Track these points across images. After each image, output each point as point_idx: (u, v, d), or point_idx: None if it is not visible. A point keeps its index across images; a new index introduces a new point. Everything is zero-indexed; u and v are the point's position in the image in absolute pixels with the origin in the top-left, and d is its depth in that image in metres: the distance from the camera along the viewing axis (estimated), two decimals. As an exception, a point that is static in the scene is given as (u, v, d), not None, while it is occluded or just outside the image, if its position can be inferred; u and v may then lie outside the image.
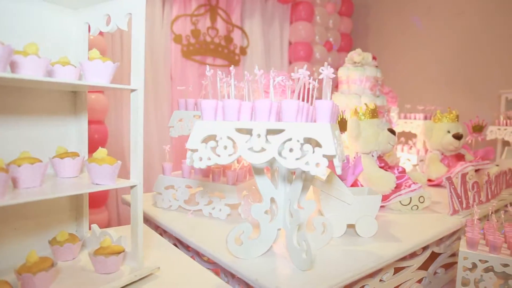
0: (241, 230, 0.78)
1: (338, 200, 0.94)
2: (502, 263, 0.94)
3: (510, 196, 1.49)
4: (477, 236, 0.99)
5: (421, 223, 1.10)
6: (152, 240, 0.95)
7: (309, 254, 0.71)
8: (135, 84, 0.71)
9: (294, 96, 0.69)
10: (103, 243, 0.71)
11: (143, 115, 0.72)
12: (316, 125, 0.66)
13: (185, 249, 1.01)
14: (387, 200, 1.24)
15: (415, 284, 1.06)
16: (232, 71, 0.74)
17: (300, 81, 0.69)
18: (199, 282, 0.73)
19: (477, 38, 2.69)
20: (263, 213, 0.79)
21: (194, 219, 1.07)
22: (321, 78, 0.67)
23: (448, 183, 1.18)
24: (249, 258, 0.79)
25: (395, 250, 0.86)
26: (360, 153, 1.32)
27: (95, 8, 0.76)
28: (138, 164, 0.72)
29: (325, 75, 0.67)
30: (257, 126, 0.69)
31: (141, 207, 0.73)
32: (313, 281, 0.69)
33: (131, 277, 0.69)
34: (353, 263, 0.78)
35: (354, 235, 0.96)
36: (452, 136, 1.63)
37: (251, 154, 0.68)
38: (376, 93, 1.68)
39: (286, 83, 0.84)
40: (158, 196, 1.18)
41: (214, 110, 0.74)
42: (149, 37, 2.36)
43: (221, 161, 0.69)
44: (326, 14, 3.10)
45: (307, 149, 0.65)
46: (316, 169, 0.64)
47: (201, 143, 0.72)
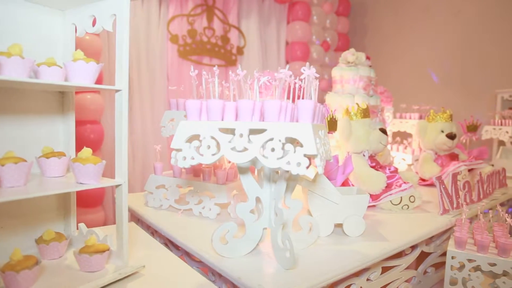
0: (226, 229, 0.79)
1: (326, 200, 0.94)
2: (489, 262, 0.95)
3: (502, 195, 1.49)
4: (465, 236, 1.00)
5: (410, 223, 1.11)
6: (141, 239, 0.96)
7: (292, 253, 0.72)
8: (119, 84, 0.71)
9: (277, 96, 0.70)
10: (88, 241, 0.71)
11: (127, 116, 0.72)
12: (297, 125, 0.66)
13: (175, 248, 1.02)
14: (378, 199, 1.24)
15: (404, 284, 1.06)
16: (216, 71, 0.75)
17: (281, 81, 0.70)
18: (183, 280, 0.73)
19: (474, 38, 2.68)
20: (248, 212, 0.80)
21: (184, 218, 1.08)
22: (303, 77, 0.68)
23: (438, 183, 1.19)
24: (235, 257, 0.79)
25: (381, 250, 0.87)
26: (351, 152, 1.32)
27: (81, 9, 0.77)
28: (123, 163, 0.72)
29: (306, 74, 0.68)
30: (239, 126, 0.69)
31: (126, 206, 0.74)
32: (295, 279, 0.70)
33: (116, 275, 0.70)
34: (337, 262, 0.78)
35: (342, 234, 0.96)
36: (445, 135, 1.63)
37: (234, 154, 0.69)
38: (370, 92, 1.68)
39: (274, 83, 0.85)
40: (149, 196, 1.18)
41: (199, 110, 0.75)
42: (145, 37, 2.37)
43: (205, 160, 0.70)
44: (323, 14, 3.10)
45: (288, 149, 0.65)
46: (297, 168, 0.65)
47: (185, 142, 0.72)
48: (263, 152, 0.67)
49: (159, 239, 1.08)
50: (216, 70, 0.75)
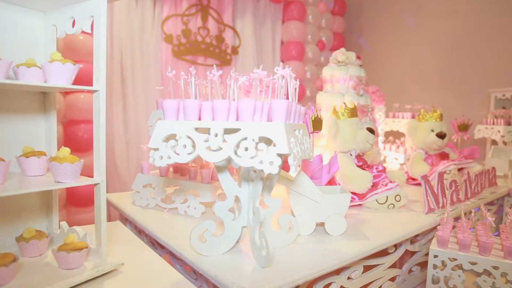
0: (204, 227, 0.80)
1: (307, 199, 0.95)
2: (470, 261, 0.95)
3: (491, 194, 1.49)
4: (447, 235, 1.00)
5: (394, 222, 1.11)
6: (124, 238, 0.97)
7: (268, 251, 0.73)
8: (97, 85, 0.72)
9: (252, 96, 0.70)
10: (66, 239, 0.73)
11: (105, 115, 0.73)
12: (270, 124, 0.67)
13: (160, 247, 1.03)
14: (364, 198, 1.24)
15: (388, 282, 1.07)
16: (193, 72, 0.75)
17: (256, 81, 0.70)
18: (160, 278, 0.74)
19: (468, 37, 2.68)
20: (227, 211, 0.81)
21: (169, 217, 1.09)
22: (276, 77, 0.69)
23: (424, 182, 1.19)
24: (213, 255, 0.80)
25: (360, 248, 0.87)
26: (338, 152, 1.33)
27: (61, 11, 0.78)
28: (101, 162, 0.73)
29: (280, 74, 0.68)
30: (214, 126, 0.70)
31: (104, 205, 0.75)
32: (270, 277, 0.70)
33: (93, 272, 0.71)
34: (315, 260, 0.79)
35: (324, 233, 0.97)
36: (435, 135, 1.63)
37: (209, 153, 0.70)
38: (360, 92, 1.68)
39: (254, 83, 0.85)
40: (137, 195, 1.20)
41: (176, 110, 0.76)
42: (140, 37, 2.38)
43: (180, 159, 0.71)
44: (319, 14, 3.10)
45: (261, 148, 0.66)
46: (269, 167, 0.65)
47: (162, 142, 0.73)
48: (237, 151, 0.68)
49: (145, 237, 1.10)
50: (192, 71, 0.75)
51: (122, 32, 2.29)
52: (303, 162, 1.12)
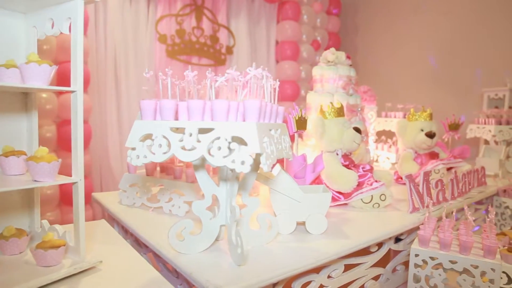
0: (182, 226, 0.80)
1: (288, 198, 0.96)
2: (450, 260, 0.96)
3: (479, 194, 1.49)
4: (428, 234, 1.01)
5: (378, 221, 1.12)
6: (107, 236, 0.98)
7: (242, 249, 0.74)
8: (74, 86, 0.73)
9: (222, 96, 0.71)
10: (45, 237, 0.74)
11: (82, 115, 0.74)
12: (242, 124, 0.68)
13: (144, 246, 1.04)
14: (349, 197, 1.25)
15: (371, 281, 1.07)
16: (169, 72, 0.76)
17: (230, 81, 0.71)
18: (138, 276, 0.75)
19: (463, 37, 2.67)
20: (204, 209, 0.82)
21: (154, 216, 1.10)
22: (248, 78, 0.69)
23: (408, 181, 1.19)
24: (191, 253, 0.81)
25: (339, 247, 0.88)
26: (324, 151, 1.34)
27: (40, 12, 0.79)
28: (79, 162, 0.74)
29: (252, 74, 0.69)
30: (189, 125, 0.71)
31: (83, 203, 0.76)
32: (245, 275, 0.71)
33: (71, 269, 0.72)
34: (291, 259, 0.80)
35: (305, 232, 0.98)
36: (424, 134, 1.63)
37: (183, 152, 0.71)
38: (349, 92, 1.68)
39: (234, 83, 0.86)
40: (123, 194, 1.21)
41: (153, 111, 0.77)
42: (134, 37, 2.39)
43: (156, 159, 0.72)
44: (313, 13, 3.10)
45: (233, 147, 0.67)
46: (241, 166, 0.66)
47: (139, 141, 0.74)
48: (210, 150, 0.69)
49: (131, 236, 1.11)
50: (169, 71, 0.76)
51: (116, 32, 2.31)
52: (287, 161, 1.13)
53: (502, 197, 1.59)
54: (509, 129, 1.89)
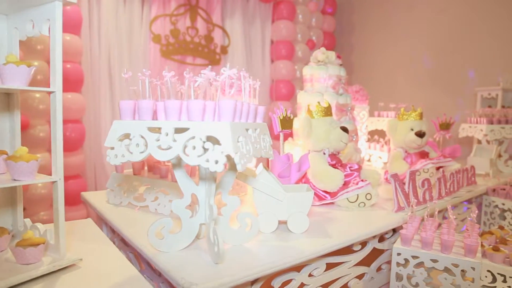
0: (162, 224, 0.81)
1: (270, 197, 0.96)
2: (432, 258, 0.96)
3: (467, 193, 1.50)
4: (410, 233, 1.01)
5: (362, 220, 1.12)
6: (91, 235, 0.99)
7: (219, 248, 0.74)
8: (53, 87, 0.74)
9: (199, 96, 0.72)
10: (25, 235, 0.75)
11: (61, 116, 0.75)
12: (216, 124, 0.69)
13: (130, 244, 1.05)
14: (335, 197, 1.26)
15: (354, 280, 1.08)
16: (147, 72, 0.77)
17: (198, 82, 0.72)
18: (117, 273, 0.76)
19: (459, 36, 2.67)
20: (184, 208, 0.83)
21: (140, 215, 1.11)
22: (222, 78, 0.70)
23: (393, 180, 1.20)
24: (171, 251, 0.82)
25: (318, 246, 0.89)
26: (311, 150, 1.34)
27: (22, 14, 0.80)
28: (59, 161, 0.75)
29: (227, 75, 0.70)
30: (165, 125, 0.72)
31: (62, 202, 0.77)
32: (220, 273, 0.72)
33: (50, 267, 0.73)
34: (270, 258, 0.80)
35: (287, 231, 0.98)
36: (414, 133, 1.63)
37: (159, 152, 0.72)
38: (339, 91, 1.69)
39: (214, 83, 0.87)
40: (111, 193, 1.22)
41: (132, 111, 0.78)
42: (128, 37, 2.41)
43: (133, 158, 0.73)
44: (308, 13, 3.10)
45: (207, 147, 0.68)
46: (215, 166, 0.67)
47: (118, 141, 0.75)
48: (185, 150, 0.70)
49: (118, 235, 1.12)
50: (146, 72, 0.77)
51: (110, 32, 2.32)
52: (271, 161, 1.14)
53: (492, 196, 1.59)
54: (501, 128, 1.89)
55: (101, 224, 1.24)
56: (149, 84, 0.76)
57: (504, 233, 1.36)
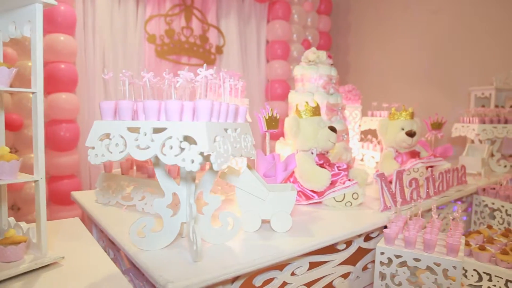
0: (143, 223, 0.82)
1: (253, 196, 0.97)
2: (414, 257, 0.97)
3: (456, 192, 1.50)
4: (394, 232, 1.02)
5: (347, 219, 1.13)
6: (76, 233, 1.00)
7: (197, 246, 0.75)
8: (34, 87, 0.76)
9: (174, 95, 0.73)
10: (7, 234, 0.76)
11: (43, 116, 0.76)
12: (192, 124, 0.70)
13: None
14: (322, 196, 1.26)
15: (339, 279, 1.09)
16: (127, 73, 0.78)
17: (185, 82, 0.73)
18: (97, 271, 0.77)
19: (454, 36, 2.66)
20: (165, 207, 0.84)
21: (127, 214, 1.12)
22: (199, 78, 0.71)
23: (380, 180, 1.20)
24: (153, 250, 0.83)
25: (299, 245, 0.89)
26: (299, 150, 1.35)
27: (5, 15, 0.81)
28: (40, 160, 0.77)
29: (203, 75, 0.71)
30: (144, 125, 0.73)
31: (44, 201, 0.78)
32: (198, 271, 0.73)
33: (31, 265, 0.74)
34: (249, 256, 0.81)
35: (270, 230, 0.99)
36: (405, 133, 1.63)
37: (138, 151, 0.72)
38: (330, 91, 1.69)
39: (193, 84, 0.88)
40: (99, 192, 1.23)
41: (113, 111, 0.79)
42: (123, 37, 2.42)
43: (113, 157, 0.74)
44: (304, 13, 3.10)
45: (184, 146, 0.69)
46: (191, 165, 0.68)
47: (98, 141, 0.76)
48: (163, 149, 0.71)
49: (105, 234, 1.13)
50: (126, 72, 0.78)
51: (105, 32, 2.33)
52: (257, 160, 1.14)
53: (482, 196, 1.59)
54: (493, 128, 1.89)
55: (92, 223, 1.25)
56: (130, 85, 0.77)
57: (492, 233, 1.37)
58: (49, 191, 2.10)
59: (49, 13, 1.99)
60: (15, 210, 2.03)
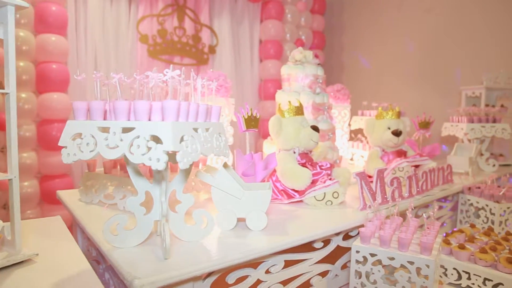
0: (116, 221, 0.84)
1: (228, 195, 0.98)
2: (388, 256, 0.97)
3: (440, 192, 1.50)
4: (369, 231, 1.02)
5: (325, 218, 1.14)
6: (55, 231, 1.02)
7: (166, 243, 0.77)
8: (7, 88, 0.77)
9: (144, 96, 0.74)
10: (-19, 231, 0.78)
11: (16, 116, 0.78)
12: (158, 123, 0.71)
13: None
14: (303, 195, 1.27)
15: (317, 277, 1.09)
16: (98, 74, 0.79)
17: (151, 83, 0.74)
18: (69, 267, 0.79)
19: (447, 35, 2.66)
20: (138, 205, 0.85)
21: (108, 212, 1.14)
22: (166, 79, 0.72)
23: (359, 178, 1.21)
24: (126, 247, 0.84)
25: (271, 243, 0.90)
26: (281, 149, 1.36)
27: (-20, 17, 0.83)
28: (14, 159, 0.78)
29: (170, 75, 0.72)
30: (113, 125, 0.74)
31: (18, 199, 0.80)
32: (166, 268, 0.74)
33: (4, 261, 0.76)
34: (221, 254, 0.82)
35: (245, 228, 1.00)
36: (391, 132, 1.64)
37: (107, 150, 0.74)
38: (316, 90, 1.70)
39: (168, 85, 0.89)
40: (83, 191, 1.25)
41: (85, 111, 0.80)
42: (115, 37, 2.44)
43: (83, 156, 0.75)
44: (297, 12, 3.11)
45: (151, 146, 0.70)
46: (156, 164, 0.69)
47: (71, 140, 0.78)
48: (131, 148, 0.72)
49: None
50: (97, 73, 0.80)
51: (97, 32, 2.35)
52: (236, 160, 1.15)
53: (467, 195, 1.59)
54: (481, 127, 1.88)
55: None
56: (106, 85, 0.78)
57: (475, 231, 1.37)
58: (42, 190, 2.12)
59: (41, 13, 2.02)
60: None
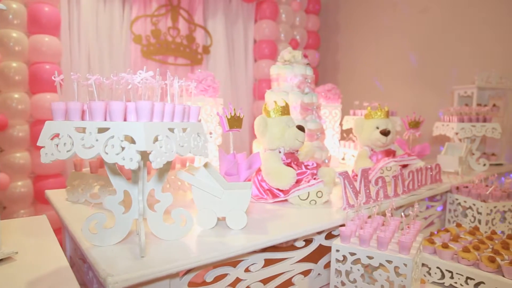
0: (95, 219, 0.85)
1: (208, 194, 0.99)
2: (367, 255, 0.98)
3: (427, 191, 1.50)
4: (349, 230, 1.03)
5: (308, 217, 1.14)
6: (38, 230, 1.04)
7: (142, 242, 0.78)
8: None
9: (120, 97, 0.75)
10: (-39, 230, 0.79)
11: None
12: (132, 124, 0.72)
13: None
14: (287, 194, 1.28)
15: (299, 276, 1.10)
16: (76, 75, 0.81)
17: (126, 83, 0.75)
18: (47, 265, 0.81)
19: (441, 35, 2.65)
20: (117, 204, 0.86)
21: (92, 212, 1.15)
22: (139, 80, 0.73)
23: (342, 178, 1.22)
24: (105, 245, 0.86)
25: (249, 242, 0.91)
26: (267, 149, 1.37)
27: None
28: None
29: (142, 77, 0.73)
30: (89, 125, 0.76)
31: (-3, 198, 0.81)
32: (141, 266, 0.75)
33: (-18, 260, 0.78)
34: (198, 252, 0.83)
35: (226, 227, 1.01)
36: (379, 132, 1.64)
37: (83, 150, 0.75)
38: (305, 90, 1.71)
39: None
40: (69, 191, 1.26)
41: (63, 111, 0.82)
42: (108, 38, 2.45)
43: (61, 156, 0.77)
44: (292, 12, 3.11)
45: (124, 145, 0.71)
46: (130, 163, 0.71)
47: (49, 140, 0.79)
48: (105, 148, 0.73)
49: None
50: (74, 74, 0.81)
51: (90, 32, 2.37)
52: (220, 159, 1.16)
53: (455, 194, 1.59)
54: (471, 126, 1.88)
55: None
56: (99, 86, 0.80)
57: (460, 231, 1.37)
58: (35, 190, 2.14)
59: (34, 14, 2.04)
60: (1, 209, 2.08)
